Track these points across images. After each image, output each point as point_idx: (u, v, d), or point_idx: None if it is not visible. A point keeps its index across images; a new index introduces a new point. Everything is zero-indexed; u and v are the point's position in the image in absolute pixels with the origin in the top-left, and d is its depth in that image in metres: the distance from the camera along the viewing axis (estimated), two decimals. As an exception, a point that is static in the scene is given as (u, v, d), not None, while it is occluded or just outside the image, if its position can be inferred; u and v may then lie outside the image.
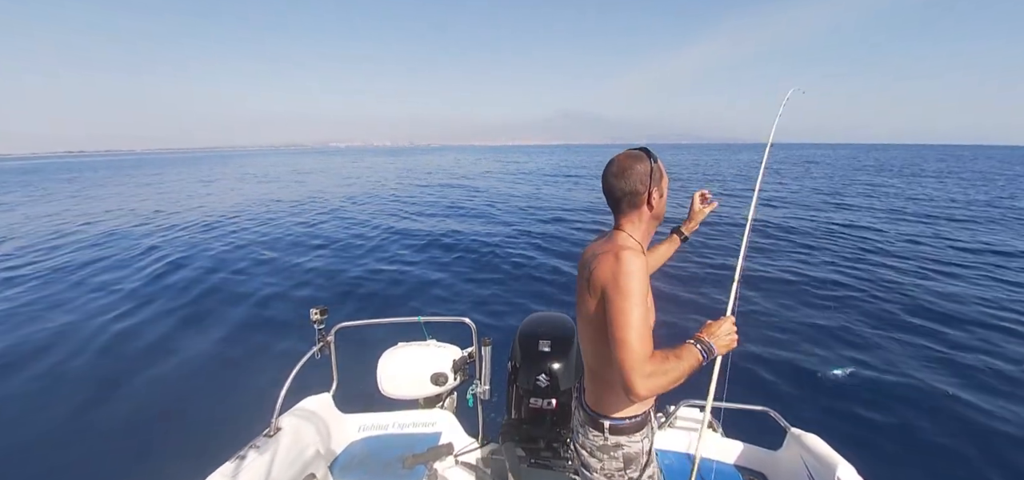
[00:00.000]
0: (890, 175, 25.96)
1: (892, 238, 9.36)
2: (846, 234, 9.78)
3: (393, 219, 12.32)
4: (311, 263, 7.94)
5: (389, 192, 19.37)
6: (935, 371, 4.12)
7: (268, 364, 4.35)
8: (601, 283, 1.13)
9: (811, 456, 1.83)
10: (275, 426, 1.89)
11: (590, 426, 1.28)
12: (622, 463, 1.25)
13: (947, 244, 8.88)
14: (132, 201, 17.78)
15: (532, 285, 6.82)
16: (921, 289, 6.20)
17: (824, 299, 5.89)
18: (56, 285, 6.92)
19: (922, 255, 8.03)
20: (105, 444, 3.32)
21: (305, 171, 33.91)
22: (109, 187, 25.13)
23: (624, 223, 1.26)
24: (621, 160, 1.22)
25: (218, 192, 21.07)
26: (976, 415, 3.48)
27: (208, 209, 14.83)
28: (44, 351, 4.66)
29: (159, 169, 45.39)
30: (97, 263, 8.15)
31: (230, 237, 10.16)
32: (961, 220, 11.58)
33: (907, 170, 30.16)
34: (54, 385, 4.07)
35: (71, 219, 13.35)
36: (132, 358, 4.57)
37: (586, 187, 20.35)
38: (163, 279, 7.12)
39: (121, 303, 6.04)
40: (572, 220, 12.08)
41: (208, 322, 5.45)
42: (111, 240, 10.14)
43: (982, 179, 23.72)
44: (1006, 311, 5.44)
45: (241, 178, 30.21)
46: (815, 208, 13.40)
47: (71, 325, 5.32)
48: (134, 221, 12.65)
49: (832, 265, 7.48)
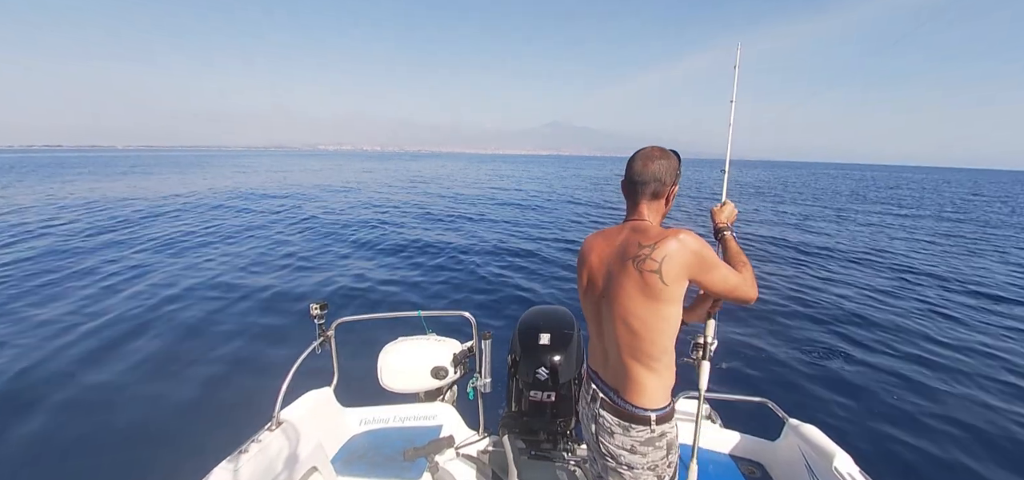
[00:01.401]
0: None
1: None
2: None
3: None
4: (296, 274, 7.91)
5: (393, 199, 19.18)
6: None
7: (269, 359, 4.37)
8: (682, 264, 1.14)
9: (809, 446, 1.84)
10: (277, 420, 1.89)
11: (634, 423, 1.23)
12: (665, 451, 1.25)
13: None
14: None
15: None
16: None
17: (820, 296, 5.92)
18: (48, 277, 6.91)
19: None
20: (105, 444, 3.33)
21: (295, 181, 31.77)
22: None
23: (644, 211, 1.27)
24: (654, 150, 1.28)
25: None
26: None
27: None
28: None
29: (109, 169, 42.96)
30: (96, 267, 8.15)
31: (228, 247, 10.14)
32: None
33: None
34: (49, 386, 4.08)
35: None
36: (132, 359, 4.58)
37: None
38: (164, 278, 7.12)
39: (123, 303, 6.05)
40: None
41: (208, 321, 5.46)
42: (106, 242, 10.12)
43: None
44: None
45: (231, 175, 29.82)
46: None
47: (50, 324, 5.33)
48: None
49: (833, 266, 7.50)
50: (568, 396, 2.03)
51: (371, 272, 7.59)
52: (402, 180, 31.01)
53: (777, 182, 38.16)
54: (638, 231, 1.23)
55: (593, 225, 13.16)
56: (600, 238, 1.33)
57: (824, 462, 1.73)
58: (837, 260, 8.47)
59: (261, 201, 16.36)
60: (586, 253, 1.34)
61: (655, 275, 1.14)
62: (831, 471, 1.67)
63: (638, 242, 1.19)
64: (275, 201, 16.25)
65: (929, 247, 9.99)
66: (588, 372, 1.40)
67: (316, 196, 18.56)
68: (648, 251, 1.16)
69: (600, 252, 1.29)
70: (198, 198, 17.42)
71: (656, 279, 1.14)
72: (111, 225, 11.38)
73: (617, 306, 1.21)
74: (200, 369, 4.32)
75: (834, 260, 8.45)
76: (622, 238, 1.25)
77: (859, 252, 8.75)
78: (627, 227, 1.27)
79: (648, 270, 1.14)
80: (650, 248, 1.16)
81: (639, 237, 1.20)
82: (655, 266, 1.14)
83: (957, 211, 19.22)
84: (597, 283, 1.29)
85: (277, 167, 48.03)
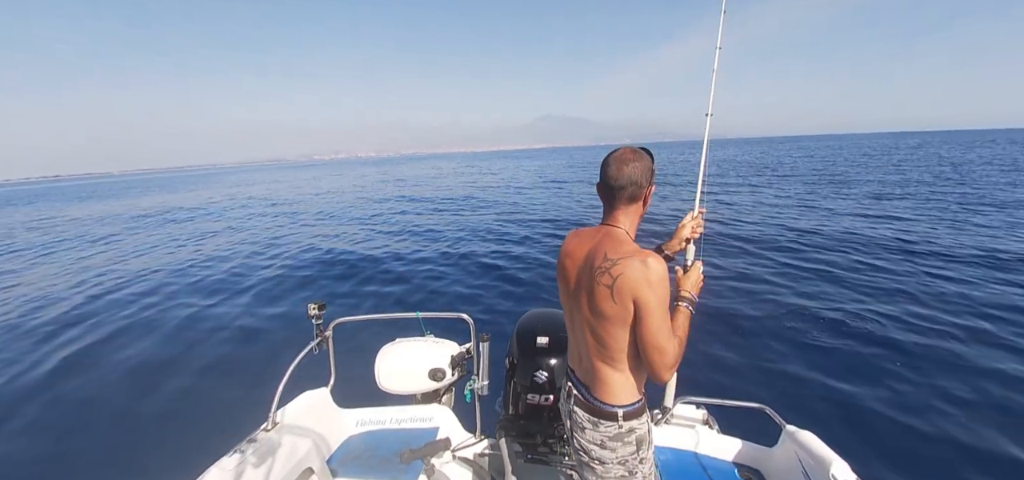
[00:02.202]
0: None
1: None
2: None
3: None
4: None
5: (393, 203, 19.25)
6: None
7: (266, 359, 4.36)
8: (631, 288, 1.13)
9: (806, 453, 1.84)
10: (273, 420, 1.89)
11: (602, 419, 1.27)
12: (635, 446, 1.28)
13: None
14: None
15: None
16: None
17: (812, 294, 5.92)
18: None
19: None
20: (104, 442, 3.32)
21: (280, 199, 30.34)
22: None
23: (619, 216, 1.27)
24: (626, 153, 1.25)
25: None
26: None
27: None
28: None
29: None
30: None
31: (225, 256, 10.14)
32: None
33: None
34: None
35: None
36: (132, 357, 4.57)
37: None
38: (165, 278, 7.11)
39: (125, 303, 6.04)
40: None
41: (208, 320, 5.45)
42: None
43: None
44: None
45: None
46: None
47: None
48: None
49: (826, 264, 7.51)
50: None
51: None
52: (399, 182, 31.03)
53: (751, 159, 38.39)
54: (610, 239, 1.23)
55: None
56: (579, 237, 1.34)
57: (821, 469, 1.73)
58: (837, 259, 8.45)
59: (253, 208, 16.39)
60: (564, 253, 1.36)
61: (607, 290, 1.16)
62: (828, 478, 1.67)
63: (605, 252, 1.20)
64: (268, 207, 16.27)
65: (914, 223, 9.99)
66: (567, 369, 1.44)
67: (308, 204, 18.60)
68: (610, 264, 1.17)
69: (574, 254, 1.31)
70: (172, 213, 17.44)
71: (607, 294, 1.16)
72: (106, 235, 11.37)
73: (583, 309, 1.25)
74: (198, 368, 4.32)
75: (834, 258, 8.44)
76: (596, 243, 1.25)
77: (855, 242, 8.68)
78: (602, 232, 1.28)
79: (602, 283, 1.17)
80: (613, 262, 1.17)
81: (609, 246, 1.21)
82: (610, 281, 1.15)
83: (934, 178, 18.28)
84: (569, 284, 1.32)
85: (275, 179, 47.68)
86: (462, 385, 2.32)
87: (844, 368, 4.18)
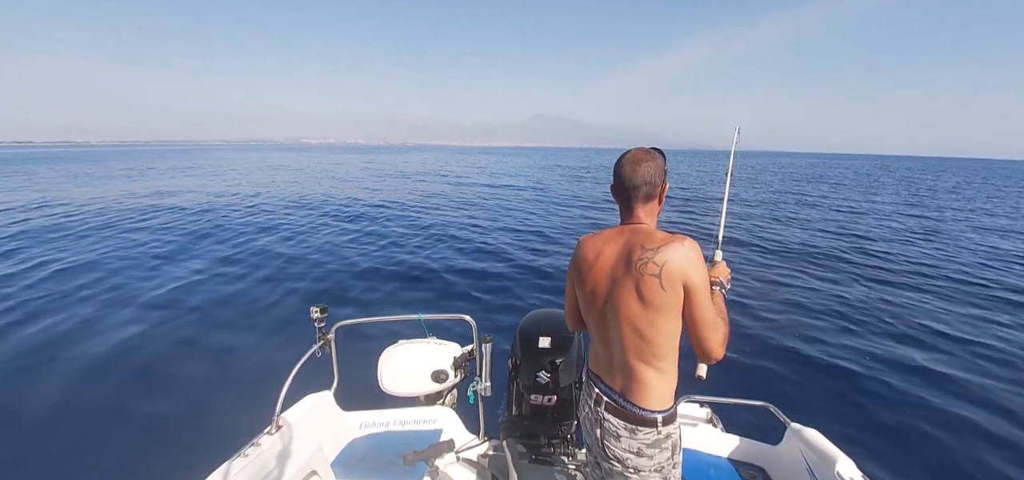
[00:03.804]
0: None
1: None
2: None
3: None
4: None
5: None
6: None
7: (269, 362, 4.36)
8: (680, 272, 1.13)
9: (811, 451, 1.84)
10: (276, 423, 1.89)
11: (640, 425, 1.23)
12: (670, 451, 1.26)
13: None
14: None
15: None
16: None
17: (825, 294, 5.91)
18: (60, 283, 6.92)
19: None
20: (103, 441, 3.32)
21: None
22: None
23: (640, 214, 1.27)
24: (638, 154, 1.27)
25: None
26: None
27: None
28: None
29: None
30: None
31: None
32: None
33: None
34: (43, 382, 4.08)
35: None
36: (132, 357, 4.57)
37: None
38: (164, 278, 7.12)
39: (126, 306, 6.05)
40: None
41: (207, 319, 5.46)
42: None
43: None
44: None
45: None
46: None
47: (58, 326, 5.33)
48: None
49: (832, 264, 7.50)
50: (569, 400, 2.02)
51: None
52: (395, 172, 30.96)
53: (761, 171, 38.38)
54: (640, 234, 1.22)
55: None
56: (598, 241, 1.31)
57: (826, 466, 1.72)
58: (837, 258, 8.45)
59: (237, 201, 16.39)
60: (584, 257, 1.32)
61: (655, 279, 1.14)
62: (833, 476, 1.67)
63: (641, 245, 1.19)
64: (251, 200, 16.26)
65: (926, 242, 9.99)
66: (590, 376, 1.39)
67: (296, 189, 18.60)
68: (650, 254, 1.16)
69: (600, 256, 1.28)
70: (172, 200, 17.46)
71: (656, 283, 1.14)
72: (100, 224, 11.40)
73: (623, 310, 1.21)
74: (201, 367, 4.32)
75: (835, 258, 8.44)
76: (624, 241, 1.24)
77: (868, 251, 8.69)
78: (627, 230, 1.27)
79: (649, 274, 1.15)
80: (652, 252, 1.16)
81: (642, 240, 1.20)
82: (656, 270, 1.14)
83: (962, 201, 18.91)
84: (599, 289, 1.27)
85: (261, 163, 46.68)
86: (465, 387, 2.32)
87: (850, 367, 4.18)
